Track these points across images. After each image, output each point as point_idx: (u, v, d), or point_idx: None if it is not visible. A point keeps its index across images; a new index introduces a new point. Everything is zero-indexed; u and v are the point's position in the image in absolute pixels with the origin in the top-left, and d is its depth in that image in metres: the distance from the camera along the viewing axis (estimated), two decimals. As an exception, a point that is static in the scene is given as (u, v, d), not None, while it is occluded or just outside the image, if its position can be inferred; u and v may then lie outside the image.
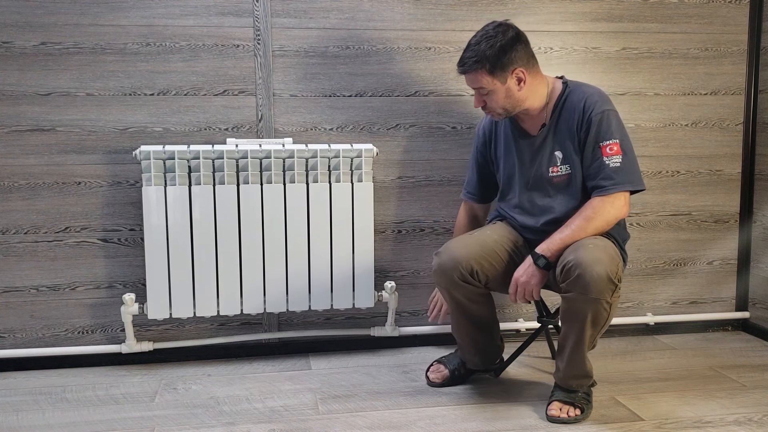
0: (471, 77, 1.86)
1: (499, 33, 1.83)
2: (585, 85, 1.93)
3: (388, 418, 1.85)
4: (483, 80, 1.84)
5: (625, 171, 1.82)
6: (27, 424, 1.84)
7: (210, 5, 2.20)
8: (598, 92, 1.89)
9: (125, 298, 2.16)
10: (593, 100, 1.86)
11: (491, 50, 1.81)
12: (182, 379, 2.15)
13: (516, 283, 1.83)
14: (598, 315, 1.74)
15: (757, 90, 2.54)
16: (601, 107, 1.84)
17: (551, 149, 1.92)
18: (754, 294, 2.60)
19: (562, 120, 1.90)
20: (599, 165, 1.84)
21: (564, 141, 1.90)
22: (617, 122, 1.85)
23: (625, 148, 1.83)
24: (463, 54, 1.87)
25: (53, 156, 2.19)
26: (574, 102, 1.88)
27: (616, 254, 1.78)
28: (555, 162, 1.92)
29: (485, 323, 2.01)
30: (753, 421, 1.83)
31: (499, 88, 1.85)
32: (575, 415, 1.82)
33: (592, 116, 1.84)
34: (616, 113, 1.86)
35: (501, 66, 1.82)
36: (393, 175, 2.37)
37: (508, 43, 1.82)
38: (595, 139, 1.84)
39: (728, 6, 2.49)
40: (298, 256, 2.20)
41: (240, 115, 2.26)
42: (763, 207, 2.55)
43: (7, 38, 2.12)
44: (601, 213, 1.81)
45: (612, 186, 1.82)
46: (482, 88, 1.85)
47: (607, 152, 1.82)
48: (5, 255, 2.20)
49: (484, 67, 1.82)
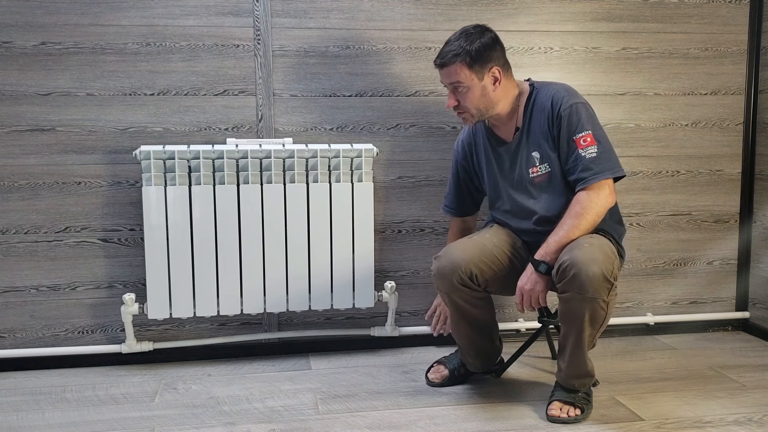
0: (449, 71, 1.87)
1: (479, 32, 1.87)
2: (551, 83, 1.95)
3: (388, 418, 1.85)
4: (461, 74, 1.85)
5: (601, 159, 1.83)
6: (27, 424, 1.84)
7: (210, 5, 2.21)
8: (564, 87, 1.91)
9: (125, 298, 2.16)
10: (560, 96, 1.88)
11: (471, 45, 1.84)
12: (182, 379, 2.15)
13: (521, 292, 1.84)
14: (596, 314, 1.74)
15: (757, 90, 2.54)
16: (569, 101, 1.86)
17: (528, 151, 1.93)
18: (754, 294, 2.60)
19: (534, 121, 1.92)
20: (576, 158, 1.84)
21: (539, 141, 1.91)
22: (587, 113, 1.86)
23: (599, 138, 1.84)
24: (442, 49, 1.89)
25: (53, 156, 2.19)
26: (542, 101, 1.90)
27: (612, 252, 1.78)
28: (533, 163, 1.93)
29: (485, 326, 2.01)
30: (753, 421, 1.83)
31: (476, 85, 1.86)
32: (575, 415, 1.82)
33: (561, 112, 1.85)
34: (585, 104, 1.88)
35: (480, 61, 1.85)
36: (393, 175, 2.37)
37: (488, 42, 1.87)
38: (568, 133, 1.85)
39: (728, 6, 2.49)
40: (298, 256, 2.20)
41: (240, 115, 2.26)
42: (763, 207, 2.55)
43: (7, 38, 2.12)
44: (589, 207, 1.82)
45: (592, 176, 1.82)
46: (459, 83, 1.87)
47: (581, 144, 1.84)
48: (5, 255, 2.20)
49: (464, 61, 1.84)
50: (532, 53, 2.39)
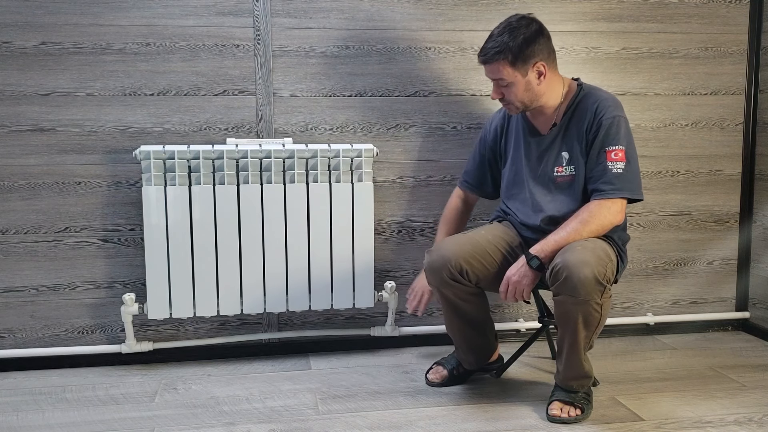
0: (492, 68, 1.85)
1: (523, 25, 1.82)
2: (600, 90, 1.93)
3: (388, 418, 1.85)
4: (504, 71, 1.83)
5: (626, 178, 1.82)
6: (27, 424, 1.84)
7: (210, 5, 2.20)
8: (612, 98, 1.89)
9: (125, 298, 2.16)
10: (606, 105, 1.86)
11: (514, 42, 1.80)
12: (182, 379, 2.15)
13: (507, 281, 1.83)
14: (589, 316, 1.74)
15: (757, 90, 2.54)
16: (613, 112, 1.85)
17: (559, 149, 1.92)
18: (754, 294, 2.60)
19: (573, 121, 1.90)
20: (602, 169, 1.84)
21: (572, 142, 1.90)
22: (626, 130, 1.86)
23: (630, 157, 1.84)
24: (485, 44, 1.85)
25: (53, 156, 2.19)
26: (588, 104, 1.88)
27: (606, 255, 1.77)
28: (561, 162, 1.92)
29: (477, 322, 2.01)
30: (753, 421, 1.83)
31: (520, 81, 1.84)
32: (575, 415, 1.82)
33: (603, 120, 1.84)
34: (626, 121, 1.87)
35: (523, 58, 1.81)
36: (393, 175, 2.37)
37: (531, 36, 1.82)
38: (602, 143, 1.84)
39: (728, 6, 2.49)
40: (298, 256, 2.20)
41: (240, 115, 2.26)
42: (763, 207, 2.55)
43: (7, 38, 2.12)
44: (597, 217, 1.81)
45: (612, 191, 1.82)
46: (502, 79, 1.84)
47: (611, 157, 1.82)
48: (5, 255, 2.20)
49: (506, 58, 1.81)
50: (532, 53, 2.39)
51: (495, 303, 2.43)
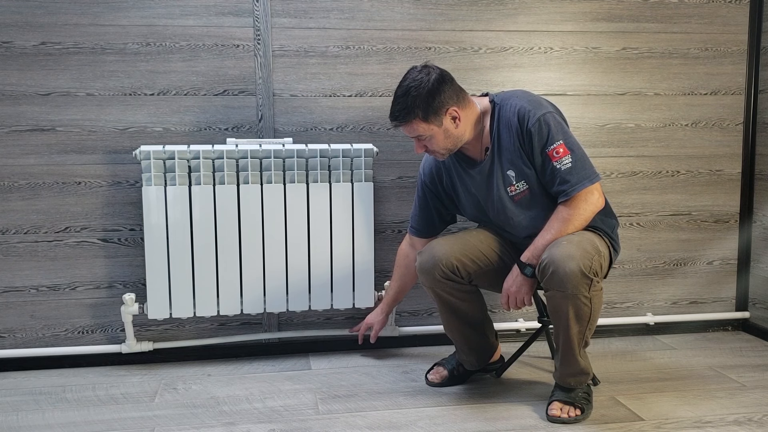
0: (407, 128, 1.83)
1: (423, 78, 1.79)
2: (511, 94, 1.89)
3: (388, 418, 1.85)
4: (419, 128, 1.81)
5: (578, 168, 1.79)
6: (27, 424, 1.84)
7: (210, 5, 2.21)
8: (526, 99, 1.85)
9: (125, 298, 2.16)
10: (525, 111, 1.82)
11: (419, 98, 1.78)
12: (182, 379, 2.15)
13: (507, 293, 1.87)
14: (579, 310, 1.75)
15: (757, 90, 2.54)
16: (535, 114, 1.80)
17: (502, 170, 1.88)
18: (754, 294, 2.60)
19: (503, 139, 1.86)
20: (552, 171, 1.81)
21: (511, 158, 1.86)
22: (555, 123, 1.81)
23: (571, 146, 1.80)
24: (393, 108, 1.83)
25: (53, 156, 2.19)
26: (508, 116, 1.84)
27: (593, 248, 1.77)
28: (510, 181, 1.88)
29: (475, 321, 2.01)
30: (753, 421, 1.83)
31: (437, 132, 1.82)
32: (575, 415, 1.82)
33: (530, 127, 1.80)
34: (551, 114, 1.82)
35: (434, 110, 1.79)
36: (393, 175, 2.37)
37: (434, 87, 1.79)
38: (540, 147, 1.81)
39: (728, 6, 2.49)
40: (298, 256, 2.20)
41: (240, 115, 2.26)
42: (763, 207, 2.55)
43: (7, 38, 2.13)
44: (576, 212, 1.80)
45: (571, 188, 1.79)
46: (420, 135, 1.83)
47: (554, 156, 1.79)
48: (5, 255, 2.20)
49: (417, 116, 1.79)
50: (532, 53, 2.39)
51: (494, 303, 2.43)
